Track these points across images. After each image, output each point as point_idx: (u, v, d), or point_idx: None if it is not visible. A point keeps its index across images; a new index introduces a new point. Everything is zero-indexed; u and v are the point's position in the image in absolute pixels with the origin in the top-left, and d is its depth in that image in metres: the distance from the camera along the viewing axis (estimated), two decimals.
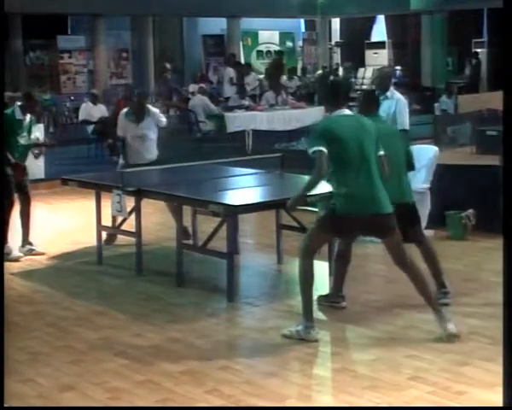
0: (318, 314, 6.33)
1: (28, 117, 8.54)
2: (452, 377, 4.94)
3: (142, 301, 6.81)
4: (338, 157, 5.60)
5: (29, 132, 8.59)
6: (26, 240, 8.44)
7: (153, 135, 8.94)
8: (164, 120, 9.14)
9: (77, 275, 7.79)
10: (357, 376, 5.06)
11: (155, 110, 9.18)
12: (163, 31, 25.18)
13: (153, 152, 8.95)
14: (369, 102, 6.62)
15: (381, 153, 5.84)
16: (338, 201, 5.66)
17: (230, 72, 20.06)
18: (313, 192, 5.99)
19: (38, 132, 13.09)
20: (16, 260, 8.15)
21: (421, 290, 5.80)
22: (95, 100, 16.58)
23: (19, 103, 8.54)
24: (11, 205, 8.26)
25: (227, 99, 18.98)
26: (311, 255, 5.74)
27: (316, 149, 5.52)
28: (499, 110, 12.43)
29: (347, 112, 5.85)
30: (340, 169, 5.64)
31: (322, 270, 7.32)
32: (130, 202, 7.64)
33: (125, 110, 9.06)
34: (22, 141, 8.44)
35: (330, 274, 7.25)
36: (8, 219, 8.18)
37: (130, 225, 7.91)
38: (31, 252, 8.37)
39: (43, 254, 8.42)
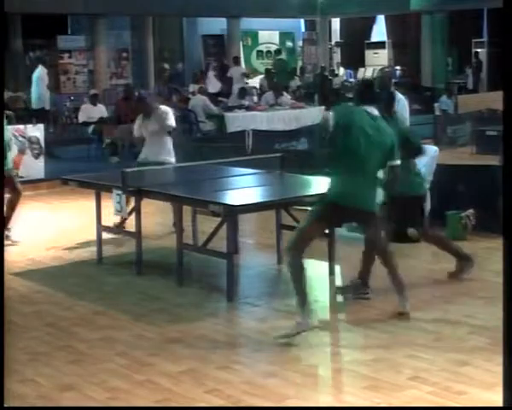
0: (318, 314, 6.34)
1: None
2: (452, 377, 4.94)
3: (142, 301, 6.81)
4: (344, 147, 5.79)
5: None
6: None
7: (162, 134, 9.00)
8: (170, 123, 9.03)
9: (77, 275, 7.79)
10: (357, 376, 5.07)
11: (165, 111, 9.13)
12: (163, 31, 25.19)
13: (164, 153, 9.00)
14: (388, 103, 6.75)
15: (395, 162, 5.95)
16: (332, 188, 5.88)
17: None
18: (313, 192, 6.05)
19: (38, 132, 13.14)
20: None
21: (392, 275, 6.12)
22: (94, 100, 16.58)
23: None
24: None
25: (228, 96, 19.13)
26: (300, 250, 5.78)
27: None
28: (499, 110, 12.44)
29: (375, 112, 5.97)
30: (342, 158, 5.81)
31: (322, 270, 7.34)
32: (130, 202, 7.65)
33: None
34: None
35: (330, 274, 7.27)
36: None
37: (130, 225, 7.92)
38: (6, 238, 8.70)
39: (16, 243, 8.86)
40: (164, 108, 9.25)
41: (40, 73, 17.68)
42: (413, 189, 6.82)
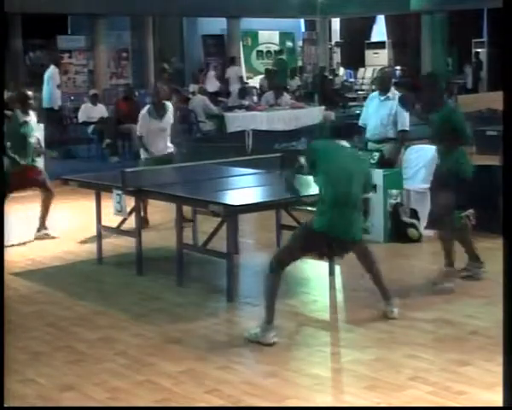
0: (318, 314, 6.34)
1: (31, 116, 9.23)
2: (452, 377, 4.94)
3: (142, 301, 6.81)
4: (328, 178, 5.81)
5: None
6: (42, 225, 9.30)
7: (169, 129, 9.66)
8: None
9: (77, 275, 7.79)
10: (357, 376, 5.06)
11: (170, 105, 9.75)
12: (163, 31, 25.19)
13: (169, 145, 9.64)
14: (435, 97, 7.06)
15: (368, 195, 6.09)
16: (319, 217, 5.82)
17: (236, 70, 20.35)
18: (313, 192, 6.05)
19: (39, 132, 13.13)
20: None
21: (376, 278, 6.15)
22: (94, 100, 16.58)
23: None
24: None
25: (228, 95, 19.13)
26: (279, 269, 5.81)
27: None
28: (499, 110, 12.44)
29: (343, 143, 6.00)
30: (327, 189, 5.81)
31: (322, 270, 7.33)
32: (130, 202, 7.65)
33: (146, 109, 9.60)
34: (32, 140, 9.23)
35: (330, 274, 7.26)
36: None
37: (130, 224, 7.92)
38: (47, 236, 9.24)
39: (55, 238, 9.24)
40: (168, 102, 9.83)
41: (52, 72, 17.71)
42: (464, 172, 7.03)
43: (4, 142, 8.78)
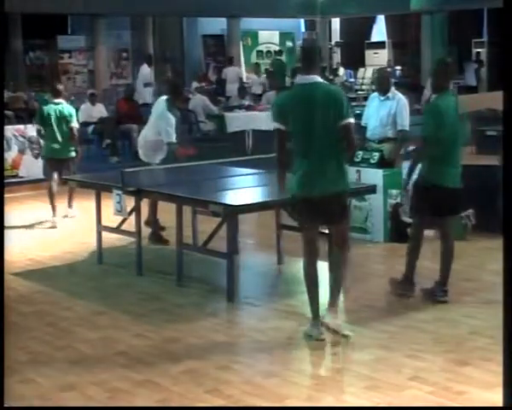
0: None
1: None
2: (452, 377, 4.94)
3: (142, 301, 6.81)
4: (292, 133, 5.54)
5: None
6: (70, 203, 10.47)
7: None
8: None
9: (77, 275, 7.79)
10: (357, 376, 5.07)
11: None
12: (163, 31, 25.18)
13: None
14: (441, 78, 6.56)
15: (347, 121, 5.46)
16: (291, 182, 5.60)
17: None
18: None
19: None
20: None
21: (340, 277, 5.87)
22: (93, 100, 16.58)
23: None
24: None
25: (228, 98, 19.06)
26: (305, 254, 5.76)
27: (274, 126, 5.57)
28: (499, 110, 12.43)
29: (312, 79, 5.53)
30: (293, 145, 5.55)
31: (322, 270, 7.33)
32: (130, 202, 7.65)
33: (165, 106, 8.74)
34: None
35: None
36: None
37: (130, 224, 7.92)
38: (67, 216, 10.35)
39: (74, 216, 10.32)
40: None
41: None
42: (432, 180, 6.45)
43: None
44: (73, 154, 10.28)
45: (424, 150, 6.44)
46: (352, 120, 5.55)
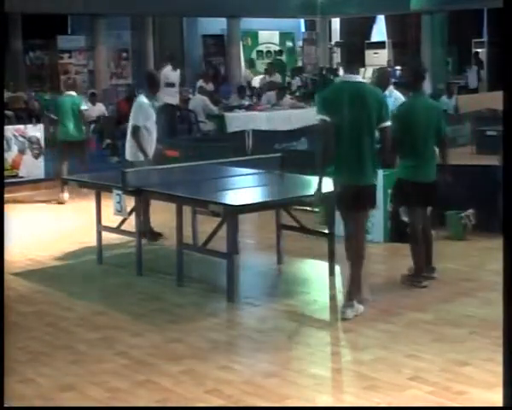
0: (318, 314, 6.34)
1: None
2: (452, 377, 4.94)
3: (142, 301, 6.81)
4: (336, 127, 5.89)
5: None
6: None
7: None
8: None
9: (77, 275, 7.79)
10: (357, 376, 5.07)
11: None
12: (163, 31, 25.17)
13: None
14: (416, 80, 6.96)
15: (386, 124, 5.98)
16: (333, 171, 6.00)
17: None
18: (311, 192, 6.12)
19: (38, 132, 13.14)
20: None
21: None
22: (93, 100, 16.57)
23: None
24: None
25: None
26: (346, 237, 6.10)
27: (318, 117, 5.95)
28: (499, 110, 12.44)
29: (357, 78, 6.09)
30: (337, 140, 5.91)
31: (322, 270, 7.34)
32: (130, 202, 7.65)
33: (144, 99, 8.89)
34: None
35: (330, 274, 7.26)
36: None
37: (130, 224, 7.92)
38: None
39: None
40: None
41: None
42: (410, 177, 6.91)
43: None
44: (85, 136, 11.97)
45: (393, 150, 6.62)
46: (389, 123, 6.04)
